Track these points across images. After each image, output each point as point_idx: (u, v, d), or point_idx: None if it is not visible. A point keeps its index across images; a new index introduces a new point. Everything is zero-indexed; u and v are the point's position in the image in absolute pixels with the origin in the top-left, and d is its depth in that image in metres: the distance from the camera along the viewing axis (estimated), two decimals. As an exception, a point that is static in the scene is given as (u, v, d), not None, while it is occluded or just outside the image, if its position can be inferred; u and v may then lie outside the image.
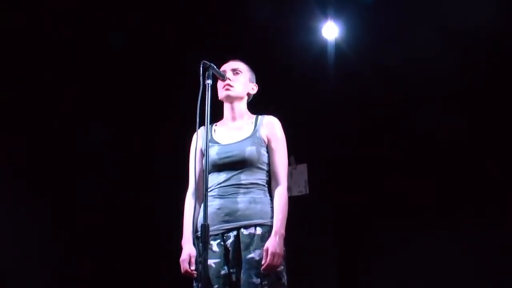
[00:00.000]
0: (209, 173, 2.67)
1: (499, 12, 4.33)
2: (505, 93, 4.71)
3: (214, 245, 2.70)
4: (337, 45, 4.90)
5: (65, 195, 5.17)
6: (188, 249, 2.71)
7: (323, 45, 4.94)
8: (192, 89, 2.83)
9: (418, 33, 4.60)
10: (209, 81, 2.64)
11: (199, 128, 2.70)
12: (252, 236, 2.68)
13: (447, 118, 4.82)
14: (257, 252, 2.64)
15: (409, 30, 4.63)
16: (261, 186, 2.80)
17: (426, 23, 4.61)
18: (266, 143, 2.86)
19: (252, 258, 2.64)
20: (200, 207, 2.77)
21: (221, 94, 2.90)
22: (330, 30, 4.91)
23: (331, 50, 4.87)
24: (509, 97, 4.70)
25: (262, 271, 2.60)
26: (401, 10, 4.58)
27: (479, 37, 4.47)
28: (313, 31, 4.92)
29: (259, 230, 2.69)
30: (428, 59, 4.70)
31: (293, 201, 2.92)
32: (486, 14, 4.22)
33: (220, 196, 2.75)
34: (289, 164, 4.84)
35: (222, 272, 2.68)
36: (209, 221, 2.49)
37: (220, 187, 2.76)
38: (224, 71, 2.88)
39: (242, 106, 2.95)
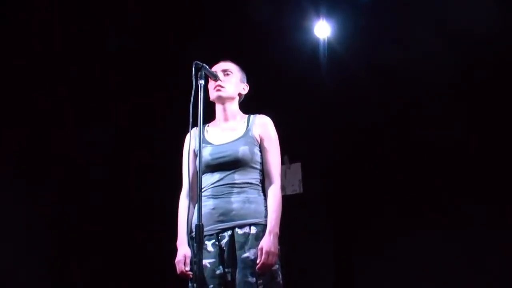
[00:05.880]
0: (202, 174, 2.67)
1: (494, 10, 4.33)
2: (502, 93, 4.69)
3: (209, 245, 2.71)
4: (329, 44, 4.89)
5: (64, 195, 5.18)
6: (183, 250, 2.72)
7: (315, 44, 4.94)
8: (186, 89, 2.83)
9: (411, 32, 4.59)
10: (201, 82, 2.64)
11: (191, 129, 2.70)
12: (246, 235, 2.69)
13: (442, 117, 4.82)
14: (252, 251, 2.65)
15: (402, 28, 4.62)
16: (255, 186, 2.80)
17: (418, 21, 4.59)
18: (259, 142, 2.87)
19: (247, 257, 2.65)
20: (194, 207, 2.78)
21: (212, 95, 2.91)
22: (322, 29, 4.90)
23: (323, 49, 4.87)
24: (506, 97, 4.68)
25: (257, 270, 2.61)
26: (394, 9, 4.57)
27: (472, 36, 4.45)
28: (305, 30, 4.91)
29: (253, 230, 2.70)
30: (420, 58, 4.69)
31: (287, 200, 2.93)
32: (480, 13, 4.22)
33: (214, 196, 2.76)
34: (283, 163, 4.86)
35: (218, 272, 2.70)
36: (203, 221, 2.50)
37: (213, 187, 2.77)
38: (215, 72, 2.88)
39: (234, 106, 2.95)
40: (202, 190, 2.69)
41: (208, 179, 2.79)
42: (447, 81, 4.81)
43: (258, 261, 2.61)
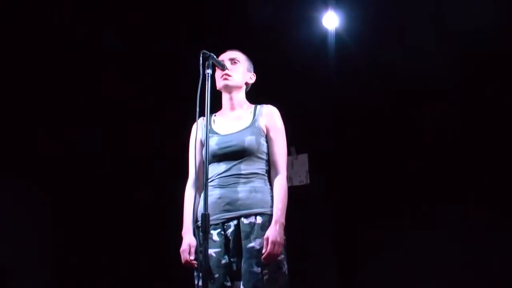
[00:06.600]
0: (209, 164, 2.67)
1: (500, 11, 4.33)
2: (503, 91, 4.69)
3: (215, 234, 2.71)
4: (338, 35, 4.87)
5: (65, 193, 5.19)
6: (188, 239, 2.72)
7: (323, 35, 4.91)
8: (190, 81, 2.83)
9: (419, 24, 4.58)
10: (208, 71, 2.64)
11: (198, 118, 2.70)
12: (252, 225, 2.68)
13: (445, 116, 4.81)
14: (258, 241, 2.65)
15: (410, 20, 4.61)
16: (261, 176, 2.80)
17: (427, 14, 4.59)
18: (265, 132, 2.86)
19: (253, 247, 2.64)
20: (200, 197, 2.77)
21: (219, 84, 2.90)
22: (331, 20, 4.88)
23: (331, 40, 4.85)
24: (507, 96, 4.68)
25: (262, 260, 2.61)
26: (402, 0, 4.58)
27: (479, 34, 4.45)
28: (313, 21, 4.89)
29: (259, 219, 2.69)
30: (428, 51, 4.68)
31: (293, 191, 2.92)
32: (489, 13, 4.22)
33: (221, 186, 2.75)
34: (290, 154, 4.86)
35: (223, 261, 2.69)
36: (209, 211, 2.49)
37: (220, 177, 2.77)
38: (222, 61, 2.88)
39: (240, 95, 2.95)
40: (209, 180, 2.68)
41: (215, 169, 2.78)
42: (456, 77, 4.81)
43: (263, 251, 2.61)
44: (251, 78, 3.00)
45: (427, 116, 4.95)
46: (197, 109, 2.59)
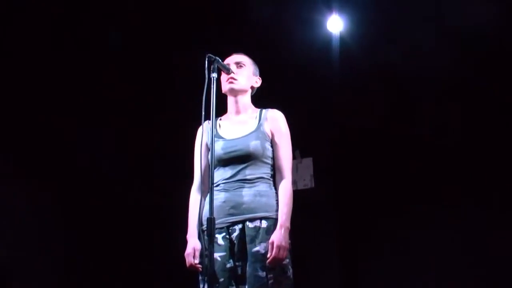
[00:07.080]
0: (214, 168, 2.66)
1: (500, 11, 4.34)
2: (503, 91, 4.71)
3: (220, 238, 2.70)
4: (342, 38, 4.87)
5: (64, 193, 5.18)
6: (193, 242, 2.71)
7: (327, 39, 4.92)
8: (190, 81, 2.82)
9: (423, 27, 4.58)
10: (214, 75, 2.63)
11: (204, 122, 2.70)
12: (257, 229, 2.68)
13: (451, 116, 4.82)
14: (263, 245, 2.64)
15: (415, 23, 4.61)
16: (266, 180, 2.79)
17: (431, 16, 4.59)
18: (270, 137, 2.85)
19: (258, 251, 2.64)
20: (205, 200, 2.77)
21: (225, 87, 2.89)
22: (335, 24, 4.89)
23: (336, 44, 4.85)
24: (507, 96, 4.69)
25: (267, 264, 2.60)
26: (407, 3, 4.56)
27: (479, 34, 4.45)
28: (317, 25, 4.89)
29: (264, 223, 2.69)
30: (433, 54, 4.68)
31: (298, 194, 2.92)
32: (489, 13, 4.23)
33: (226, 190, 2.75)
34: (294, 158, 4.86)
35: (228, 265, 2.69)
36: (214, 215, 2.48)
37: (226, 182, 2.76)
38: (228, 64, 2.87)
39: (246, 99, 2.94)
40: (214, 184, 2.66)
41: (220, 175, 2.78)
42: (456, 77, 4.82)
43: (268, 255, 2.60)
44: (257, 82, 2.99)
45: (427, 116, 4.96)
46: (203, 113, 2.58)
